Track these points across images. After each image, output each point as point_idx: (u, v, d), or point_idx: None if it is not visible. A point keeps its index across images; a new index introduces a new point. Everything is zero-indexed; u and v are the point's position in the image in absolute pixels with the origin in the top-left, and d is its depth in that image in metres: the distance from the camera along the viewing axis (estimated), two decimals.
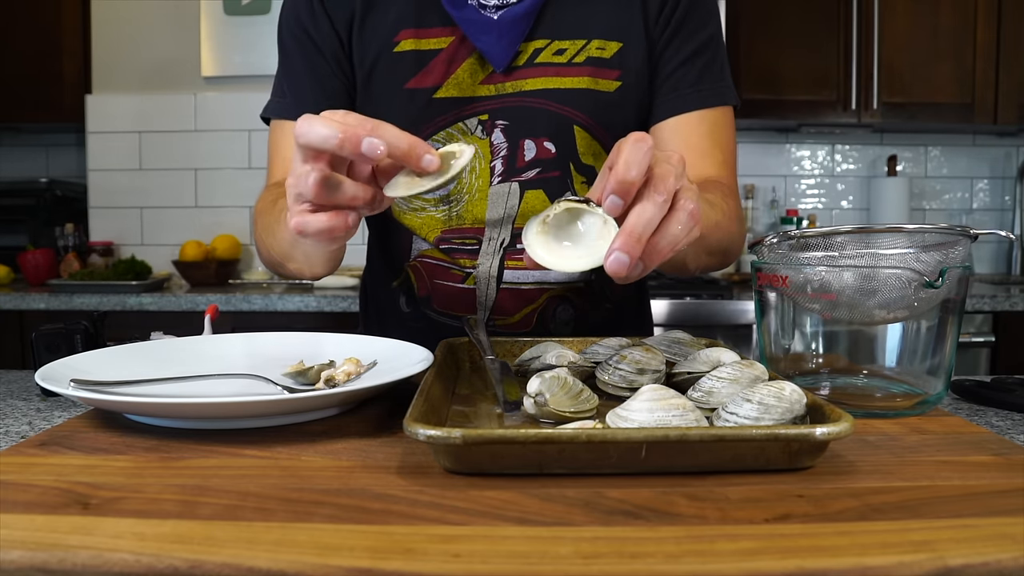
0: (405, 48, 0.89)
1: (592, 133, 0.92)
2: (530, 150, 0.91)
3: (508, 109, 0.90)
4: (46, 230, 2.62)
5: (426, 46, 0.89)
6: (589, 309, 0.99)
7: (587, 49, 0.90)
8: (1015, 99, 2.48)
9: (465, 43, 0.88)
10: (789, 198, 2.86)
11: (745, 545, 0.39)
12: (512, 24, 0.87)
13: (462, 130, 0.90)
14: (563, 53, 0.89)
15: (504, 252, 0.94)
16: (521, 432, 0.47)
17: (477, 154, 0.66)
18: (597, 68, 0.90)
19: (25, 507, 0.44)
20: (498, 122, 0.90)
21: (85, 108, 2.63)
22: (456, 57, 0.89)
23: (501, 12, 0.87)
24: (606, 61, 0.90)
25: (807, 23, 2.48)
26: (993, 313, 2.19)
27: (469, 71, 0.89)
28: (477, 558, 0.38)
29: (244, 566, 0.37)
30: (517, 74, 0.89)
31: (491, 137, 0.91)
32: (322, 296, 2.19)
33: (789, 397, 0.53)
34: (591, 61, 0.90)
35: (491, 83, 0.89)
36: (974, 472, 0.51)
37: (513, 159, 0.91)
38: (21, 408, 0.74)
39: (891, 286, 0.63)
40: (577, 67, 0.90)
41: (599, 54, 0.90)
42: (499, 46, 0.87)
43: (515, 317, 0.96)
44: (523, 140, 0.91)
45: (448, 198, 0.92)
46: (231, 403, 0.57)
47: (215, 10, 2.64)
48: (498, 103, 0.90)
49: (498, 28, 0.86)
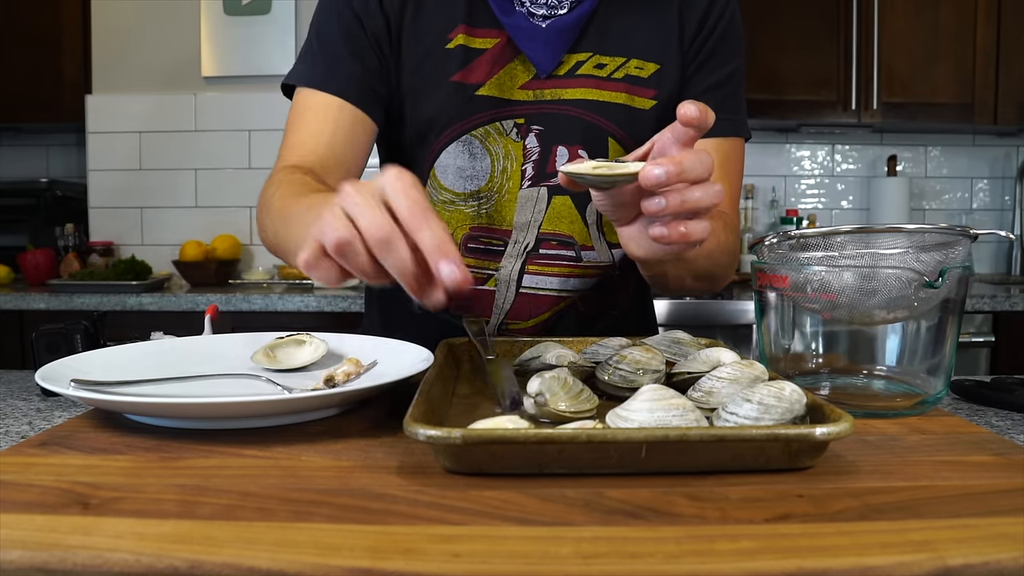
0: (457, 43, 0.91)
1: (625, 146, 0.94)
2: (562, 156, 0.92)
3: (544, 115, 0.92)
4: (46, 230, 2.62)
5: (474, 44, 0.91)
6: (597, 316, 1.00)
7: (626, 67, 0.92)
8: (1015, 99, 2.48)
9: (510, 46, 0.90)
10: (789, 198, 2.86)
11: (745, 545, 0.39)
12: (559, 33, 0.89)
13: (499, 130, 0.92)
14: (603, 68, 0.92)
15: (527, 256, 0.95)
16: (521, 432, 0.47)
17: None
18: (634, 86, 0.92)
19: (25, 507, 0.44)
20: (533, 127, 0.92)
21: (85, 108, 2.63)
22: (500, 59, 0.91)
23: (549, 21, 0.89)
24: (643, 80, 0.93)
25: (807, 23, 2.48)
26: (993, 313, 2.19)
27: (510, 74, 0.91)
28: (477, 558, 0.38)
29: (244, 566, 0.37)
30: (557, 83, 0.91)
31: (525, 141, 0.92)
32: (322, 296, 2.19)
33: (789, 397, 0.53)
34: (629, 79, 0.92)
35: (530, 89, 0.91)
36: (974, 472, 0.51)
37: (544, 163, 0.92)
38: (21, 408, 0.74)
39: (891, 286, 0.63)
40: (615, 82, 0.92)
41: (637, 73, 0.92)
42: (545, 53, 0.90)
43: (529, 322, 0.97)
44: (556, 146, 0.92)
45: (479, 194, 0.93)
46: (231, 403, 0.57)
47: (215, 10, 2.64)
48: (535, 109, 0.92)
49: (544, 36, 0.89)
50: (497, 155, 0.92)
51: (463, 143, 0.92)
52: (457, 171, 0.93)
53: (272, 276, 2.56)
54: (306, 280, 2.46)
